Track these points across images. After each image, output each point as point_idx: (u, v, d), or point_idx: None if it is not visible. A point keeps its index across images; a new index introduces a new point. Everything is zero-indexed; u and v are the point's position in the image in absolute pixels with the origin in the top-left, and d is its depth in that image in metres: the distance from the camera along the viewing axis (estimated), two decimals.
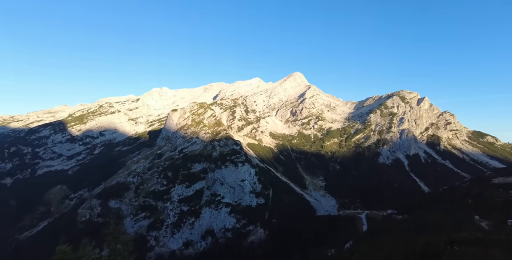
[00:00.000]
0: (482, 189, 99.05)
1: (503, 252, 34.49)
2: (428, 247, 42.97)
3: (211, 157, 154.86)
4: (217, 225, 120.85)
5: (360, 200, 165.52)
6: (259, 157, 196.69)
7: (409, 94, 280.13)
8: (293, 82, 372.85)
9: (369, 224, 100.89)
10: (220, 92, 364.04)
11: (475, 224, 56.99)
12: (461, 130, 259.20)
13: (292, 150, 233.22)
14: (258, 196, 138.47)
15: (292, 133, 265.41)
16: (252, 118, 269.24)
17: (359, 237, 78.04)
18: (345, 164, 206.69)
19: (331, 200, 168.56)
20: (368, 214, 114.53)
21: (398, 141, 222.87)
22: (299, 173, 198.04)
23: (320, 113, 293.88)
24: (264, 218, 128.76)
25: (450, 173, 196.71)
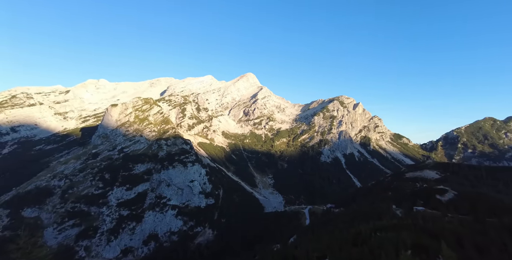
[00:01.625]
0: (398, 182, 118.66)
1: (409, 234, 41.94)
2: (357, 236, 49.26)
3: (157, 157, 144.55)
4: (161, 229, 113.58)
5: (304, 196, 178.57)
6: (210, 156, 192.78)
7: (347, 99, 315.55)
8: (246, 83, 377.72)
9: (311, 218, 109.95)
10: (169, 88, 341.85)
11: (392, 213, 67.91)
12: (386, 132, 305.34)
13: (244, 150, 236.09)
14: (208, 196, 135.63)
15: (245, 132, 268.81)
16: (204, 117, 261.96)
17: (302, 231, 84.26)
18: (292, 162, 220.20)
19: (279, 197, 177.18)
20: (311, 209, 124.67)
21: (337, 141, 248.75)
22: (250, 172, 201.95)
23: (271, 114, 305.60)
24: (213, 218, 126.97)
25: (377, 170, 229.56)
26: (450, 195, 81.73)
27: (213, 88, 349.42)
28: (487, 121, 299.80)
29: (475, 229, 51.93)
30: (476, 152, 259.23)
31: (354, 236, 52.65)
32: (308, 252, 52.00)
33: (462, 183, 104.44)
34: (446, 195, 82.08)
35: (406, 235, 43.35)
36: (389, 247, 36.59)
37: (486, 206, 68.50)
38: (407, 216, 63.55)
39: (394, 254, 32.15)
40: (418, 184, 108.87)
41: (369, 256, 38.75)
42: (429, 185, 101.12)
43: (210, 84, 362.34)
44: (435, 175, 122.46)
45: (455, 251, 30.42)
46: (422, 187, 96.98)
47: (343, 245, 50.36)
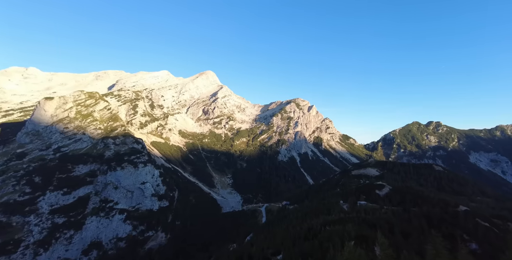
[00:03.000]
0: (345, 179, 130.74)
1: (353, 226, 46.35)
2: (309, 230, 52.54)
3: (103, 157, 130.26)
4: (106, 236, 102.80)
5: (262, 194, 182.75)
6: (165, 157, 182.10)
7: (302, 102, 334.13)
8: (205, 80, 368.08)
9: (267, 216, 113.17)
10: (119, 82, 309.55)
11: (340, 207, 74.69)
12: (336, 133, 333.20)
13: (202, 149, 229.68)
14: (162, 198, 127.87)
15: (204, 132, 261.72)
16: (158, 114, 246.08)
17: (258, 229, 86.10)
18: (252, 162, 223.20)
19: (237, 197, 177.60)
20: (268, 207, 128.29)
21: (293, 141, 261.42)
22: (208, 172, 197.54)
23: (231, 113, 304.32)
24: (167, 221, 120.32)
25: (328, 168, 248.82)
26: (386, 190, 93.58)
27: (170, 84, 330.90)
28: (414, 124, 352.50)
29: (403, 218, 60.62)
30: (406, 152, 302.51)
31: (306, 231, 56.21)
32: (263, 249, 53.48)
33: (395, 179, 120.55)
34: (383, 190, 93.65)
35: (350, 227, 48.22)
36: (336, 239, 40.19)
37: (411, 198, 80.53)
38: (352, 210, 70.64)
39: (340, 245, 35.37)
40: (362, 180, 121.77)
41: (319, 249, 41.86)
42: (370, 181, 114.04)
43: (166, 80, 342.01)
44: (375, 172, 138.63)
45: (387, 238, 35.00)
46: (365, 183, 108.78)
47: (296, 240, 53.29)
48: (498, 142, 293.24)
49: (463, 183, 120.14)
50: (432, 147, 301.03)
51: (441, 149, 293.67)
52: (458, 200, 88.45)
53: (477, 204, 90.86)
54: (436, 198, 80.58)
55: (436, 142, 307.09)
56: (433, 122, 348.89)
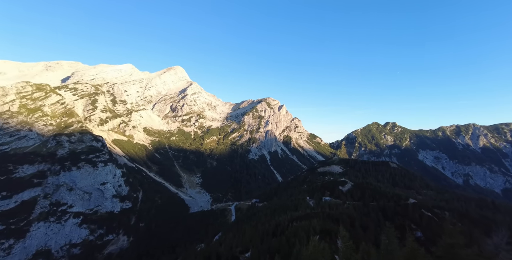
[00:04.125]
0: (312, 176, 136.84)
1: (318, 221, 48.60)
2: (277, 227, 53.85)
3: (55, 156, 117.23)
4: (57, 242, 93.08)
5: (232, 193, 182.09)
6: (128, 155, 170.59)
7: (273, 101, 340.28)
8: (173, 76, 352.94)
9: (237, 214, 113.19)
10: (75, 74, 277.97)
11: (306, 203, 78.00)
12: (304, 132, 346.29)
13: (170, 148, 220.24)
14: (124, 200, 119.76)
15: (171, 129, 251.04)
16: (121, 110, 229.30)
17: (227, 227, 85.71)
18: (222, 160, 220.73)
19: (206, 196, 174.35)
20: (237, 205, 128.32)
21: (264, 140, 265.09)
22: (176, 172, 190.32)
23: (202, 111, 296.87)
24: (130, 223, 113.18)
25: (296, 166, 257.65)
26: (349, 186, 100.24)
27: (134, 78, 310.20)
28: (374, 125, 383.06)
29: (362, 211, 65.61)
30: (366, 150, 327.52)
31: (274, 227, 57.60)
32: (232, 248, 53.44)
33: (356, 175, 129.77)
34: (346, 186, 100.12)
35: (316, 222, 50.70)
36: (302, 234, 41.91)
37: (370, 193, 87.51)
38: (318, 205, 74.28)
39: (306, 240, 36.93)
40: (327, 177, 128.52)
41: (286, 245, 43.20)
42: (334, 178, 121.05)
43: (130, 74, 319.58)
44: (339, 169, 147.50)
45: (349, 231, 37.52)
46: (330, 180, 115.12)
47: (264, 237, 54.28)
48: (440, 141, 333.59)
49: (413, 179, 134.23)
50: (388, 145, 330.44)
51: (396, 147, 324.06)
52: (408, 193, 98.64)
53: (423, 197, 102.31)
54: (391, 192, 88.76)
55: (392, 141, 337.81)
56: (390, 123, 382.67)
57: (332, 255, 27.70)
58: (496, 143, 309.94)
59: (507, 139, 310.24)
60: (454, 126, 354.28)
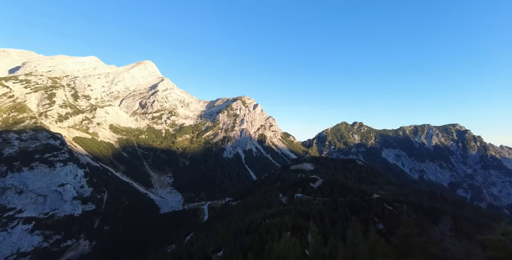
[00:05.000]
0: (285, 174, 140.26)
1: (290, 218, 50.04)
2: (250, 224, 54.33)
3: (1, 155, 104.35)
4: (1, 252, 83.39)
5: (205, 192, 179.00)
6: (92, 154, 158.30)
7: (248, 100, 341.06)
8: (143, 71, 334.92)
9: (210, 214, 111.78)
10: (26, 65, 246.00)
11: (279, 201, 79.88)
12: (278, 131, 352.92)
13: (139, 146, 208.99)
14: (86, 202, 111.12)
15: (141, 127, 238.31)
16: (84, 106, 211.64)
17: (199, 227, 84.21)
18: (195, 159, 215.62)
19: (178, 196, 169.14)
20: (210, 204, 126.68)
21: (239, 138, 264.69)
22: (145, 171, 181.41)
23: (174, 108, 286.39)
24: (93, 227, 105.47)
25: (270, 164, 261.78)
26: (319, 182, 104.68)
27: (99, 72, 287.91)
28: (342, 124, 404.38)
29: (331, 207, 69.10)
30: (336, 148, 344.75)
31: (247, 225, 58.04)
32: (204, 248, 52.70)
33: (326, 173, 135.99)
34: (316, 183, 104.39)
35: (288, 219, 52.20)
36: (274, 231, 42.87)
37: (339, 189, 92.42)
38: (290, 202, 76.48)
39: (278, 237, 37.84)
40: (299, 174, 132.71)
41: (259, 242, 43.82)
42: (306, 175, 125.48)
43: (95, 67, 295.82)
44: (310, 167, 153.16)
45: (318, 226, 39.32)
46: (302, 177, 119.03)
47: (238, 235, 54.44)
48: (400, 140, 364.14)
49: (377, 175, 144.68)
50: (356, 144, 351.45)
51: (362, 146, 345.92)
52: (373, 189, 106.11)
53: (385, 192, 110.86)
54: (357, 188, 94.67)
55: (359, 140, 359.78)
56: (357, 123, 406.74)
57: (302, 250, 28.82)
58: (445, 142, 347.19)
59: (453, 138, 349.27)
60: (412, 126, 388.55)
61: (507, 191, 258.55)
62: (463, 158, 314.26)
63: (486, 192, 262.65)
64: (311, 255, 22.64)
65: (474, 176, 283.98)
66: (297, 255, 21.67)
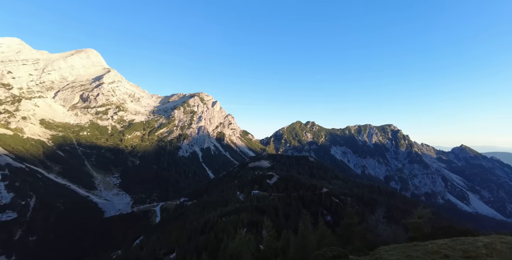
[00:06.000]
0: (243, 172, 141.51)
1: (247, 214, 50.71)
2: (206, 224, 53.25)
3: None
4: None
5: (157, 193, 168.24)
6: (15, 153, 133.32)
7: (207, 97, 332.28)
8: (85, 60, 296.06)
9: (162, 215, 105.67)
10: None
11: (236, 198, 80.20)
12: (237, 129, 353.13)
13: (79, 144, 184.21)
14: (5, 210, 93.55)
15: (82, 123, 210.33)
16: (3, 97, 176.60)
17: (150, 230, 78.96)
18: (147, 158, 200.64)
19: (126, 198, 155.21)
20: (163, 206, 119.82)
21: (196, 136, 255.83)
22: (87, 172, 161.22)
23: (122, 102, 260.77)
24: (12, 239, 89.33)
25: (229, 162, 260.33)
26: (275, 179, 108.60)
27: (25, 57, 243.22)
28: (297, 123, 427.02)
29: (285, 202, 72.47)
30: (291, 146, 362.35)
31: (203, 225, 56.70)
32: (155, 251, 49.59)
33: (282, 169, 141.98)
34: (272, 179, 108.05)
35: (244, 216, 52.78)
36: (230, 229, 42.85)
37: (293, 184, 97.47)
38: (247, 199, 77.47)
39: (234, 234, 37.96)
40: (256, 172, 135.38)
41: (214, 241, 43.24)
42: (263, 172, 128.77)
43: (18, 51, 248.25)
44: (267, 164, 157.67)
45: (273, 221, 40.76)
46: (259, 174, 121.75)
47: (192, 236, 52.74)
48: (347, 139, 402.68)
49: (326, 170, 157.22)
50: (308, 142, 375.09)
51: (314, 144, 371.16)
52: (322, 184, 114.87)
53: (333, 186, 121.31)
54: (309, 183, 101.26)
55: (311, 138, 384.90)
56: (310, 122, 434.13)
57: (257, 245, 29.50)
58: (383, 140, 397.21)
59: (389, 137, 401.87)
60: (356, 126, 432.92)
61: (425, 182, 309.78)
62: (395, 154, 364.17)
63: (410, 183, 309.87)
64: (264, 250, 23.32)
65: (402, 170, 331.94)
66: (251, 251, 22.06)
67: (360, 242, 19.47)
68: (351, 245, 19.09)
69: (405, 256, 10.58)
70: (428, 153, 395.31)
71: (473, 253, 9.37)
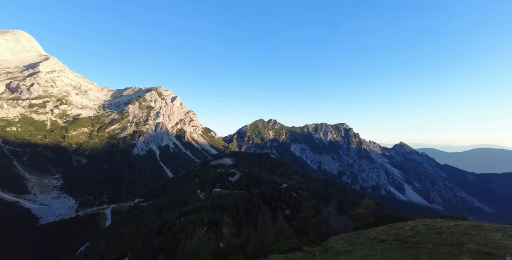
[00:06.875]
0: (204, 170, 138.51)
1: (207, 213, 49.86)
2: (163, 225, 50.77)
3: None
4: None
5: (108, 194, 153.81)
6: None
7: (165, 91, 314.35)
8: (13, 43, 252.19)
9: (114, 218, 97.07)
10: None
11: (197, 197, 78.14)
12: (199, 126, 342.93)
13: (6, 142, 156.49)
14: None
15: (9, 117, 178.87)
16: None
17: (98, 235, 71.88)
18: (95, 157, 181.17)
19: (69, 201, 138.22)
20: (115, 208, 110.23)
21: (153, 133, 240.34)
22: (17, 173, 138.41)
23: (65, 95, 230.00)
24: None
25: (189, 160, 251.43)
26: (237, 176, 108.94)
27: None
28: (260, 121, 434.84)
29: (247, 199, 73.40)
30: (254, 143, 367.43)
31: (160, 226, 53.88)
32: (103, 257, 45.40)
33: (244, 166, 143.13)
34: (235, 177, 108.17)
35: (204, 214, 51.77)
36: (189, 229, 41.61)
37: (255, 181, 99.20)
38: (208, 198, 76.10)
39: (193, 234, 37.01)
40: (218, 169, 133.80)
41: (172, 242, 41.50)
42: (226, 170, 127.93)
43: None
44: (230, 161, 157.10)
45: (234, 218, 40.94)
46: (221, 172, 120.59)
47: (148, 238, 49.71)
48: (305, 136, 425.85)
49: (286, 167, 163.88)
50: (270, 139, 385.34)
51: (275, 141, 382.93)
52: (282, 179, 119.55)
53: (292, 181, 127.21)
54: (270, 179, 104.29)
55: (273, 135, 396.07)
56: (272, 120, 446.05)
57: (217, 243, 29.28)
58: (336, 138, 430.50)
59: (342, 135, 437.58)
60: (314, 124, 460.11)
61: (371, 176, 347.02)
62: (347, 151, 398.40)
63: (359, 177, 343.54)
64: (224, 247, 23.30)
65: (353, 165, 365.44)
66: (210, 249, 21.82)
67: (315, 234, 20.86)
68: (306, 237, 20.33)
69: (351, 244, 11.76)
70: (375, 149, 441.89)
71: (402, 236, 10.96)
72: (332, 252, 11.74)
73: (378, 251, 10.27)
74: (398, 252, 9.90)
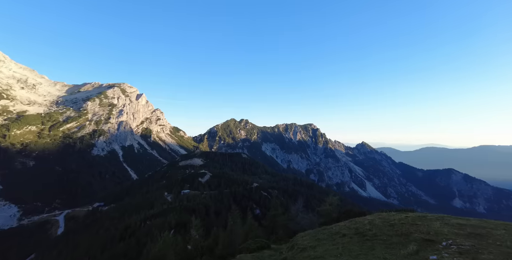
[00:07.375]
0: (172, 171, 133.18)
1: (175, 215, 48.09)
2: (126, 229, 47.71)
3: None
4: None
5: (61, 199, 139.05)
6: None
7: (130, 88, 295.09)
8: None
9: (68, 225, 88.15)
10: None
11: (164, 199, 74.82)
12: (166, 125, 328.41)
13: None
14: None
15: None
16: None
17: (48, 245, 64.69)
18: (47, 158, 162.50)
19: (10, 209, 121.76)
20: (69, 214, 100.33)
21: (116, 132, 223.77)
22: None
23: (6, 89, 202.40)
24: None
25: (156, 161, 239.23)
26: (208, 177, 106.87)
27: None
28: (231, 121, 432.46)
29: (217, 199, 72.50)
30: (225, 143, 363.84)
31: (123, 231, 50.43)
32: None
33: (215, 167, 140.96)
34: (205, 177, 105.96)
35: (172, 217, 49.79)
36: (155, 232, 39.66)
37: (225, 181, 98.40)
38: (176, 199, 73.32)
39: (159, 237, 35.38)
40: (187, 170, 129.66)
41: (136, 247, 39.16)
42: (195, 170, 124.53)
43: None
44: (200, 162, 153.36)
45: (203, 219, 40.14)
46: (190, 173, 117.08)
47: (108, 244, 46.17)
48: (276, 136, 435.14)
49: (257, 166, 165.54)
50: (242, 139, 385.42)
51: (247, 141, 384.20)
52: (253, 179, 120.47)
53: (263, 180, 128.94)
54: (241, 179, 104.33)
55: (245, 135, 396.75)
56: (244, 120, 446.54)
57: (184, 245, 28.43)
58: (305, 137, 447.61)
59: (310, 135, 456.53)
60: (284, 124, 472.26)
61: (336, 173, 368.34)
62: (315, 150, 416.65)
63: (325, 175, 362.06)
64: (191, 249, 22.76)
65: (320, 164, 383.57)
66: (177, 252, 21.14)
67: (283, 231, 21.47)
68: (275, 235, 20.85)
69: (315, 240, 12.42)
70: (339, 148, 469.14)
71: (361, 230, 11.95)
72: (298, 248, 12.26)
73: (339, 245, 11.02)
74: (357, 245, 10.74)
